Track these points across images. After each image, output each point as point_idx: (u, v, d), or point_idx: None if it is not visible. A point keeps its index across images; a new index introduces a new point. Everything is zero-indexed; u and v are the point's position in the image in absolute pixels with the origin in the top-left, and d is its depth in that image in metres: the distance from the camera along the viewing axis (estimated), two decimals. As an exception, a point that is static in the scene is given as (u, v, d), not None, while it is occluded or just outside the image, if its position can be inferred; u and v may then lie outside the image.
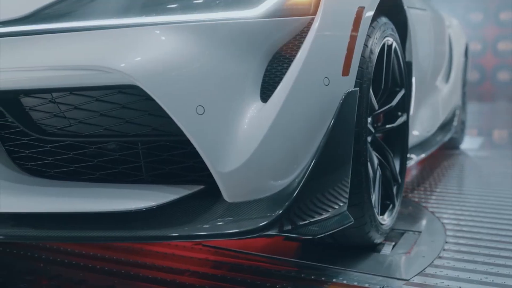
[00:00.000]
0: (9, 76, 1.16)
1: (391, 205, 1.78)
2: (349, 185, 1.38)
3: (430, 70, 2.45)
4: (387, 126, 1.80)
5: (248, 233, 1.15)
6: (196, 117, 1.14)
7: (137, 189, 1.24)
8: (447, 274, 1.48)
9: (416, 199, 2.31)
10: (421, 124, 2.43)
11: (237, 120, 1.19)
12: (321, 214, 1.30)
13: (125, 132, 1.22)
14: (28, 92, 1.20)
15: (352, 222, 1.40)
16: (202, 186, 1.25)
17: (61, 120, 1.23)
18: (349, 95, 1.34)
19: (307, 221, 1.25)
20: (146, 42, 1.15)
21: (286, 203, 1.19)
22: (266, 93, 1.24)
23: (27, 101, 1.23)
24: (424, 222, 1.99)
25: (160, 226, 1.17)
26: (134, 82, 1.11)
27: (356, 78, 1.39)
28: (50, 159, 1.27)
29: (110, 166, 1.26)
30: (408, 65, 1.97)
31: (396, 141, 1.90)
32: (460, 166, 3.23)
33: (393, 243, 1.73)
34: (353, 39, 1.38)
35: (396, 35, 1.76)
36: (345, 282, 1.43)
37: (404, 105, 1.89)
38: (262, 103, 1.22)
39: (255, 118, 1.20)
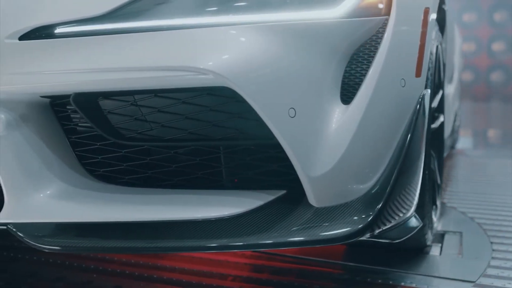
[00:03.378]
0: (89, 78, 1.09)
1: (434, 206, 1.79)
2: (419, 187, 1.37)
3: (449, 70, 2.47)
4: (431, 126, 1.80)
5: (344, 239, 1.12)
6: (288, 119, 1.11)
7: (219, 195, 1.19)
8: (509, 275, 1.48)
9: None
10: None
11: (324, 122, 1.16)
12: (399, 217, 1.28)
13: (208, 136, 1.17)
14: (110, 95, 1.14)
15: (421, 225, 1.39)
16: (284, 191, 1.21)
17: (141, 124, 1.17)
18: (423, 97, 1.33)
19: (391, 225, 1.24)
20: (234, 42, 1.11)
21: (378, 206, 1.17)
22: (346, 95, 1.21)
23: (105, 104, 1.16)
24: (459, 222, 2.00)
25: (250, 233, 1.13)
26: (227, 83, 1.06)
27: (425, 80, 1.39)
28: (124, 164, 1.21)
29: (188, 172, 1.21)
30: (444, 66, 1.98)
31: (434, 142, 1.90)
32: (466, 166, 3.29)
33: (440, 244, 1.74)
34: (422, 40, 1.37)
35: (441, 36, 1.77)
36: (414, 285, 1.42)
37: (441, 106, 1.90)
38: (344, 105, 1.20)
39: (340, 120, 1.17)
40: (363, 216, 1.15)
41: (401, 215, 1.29)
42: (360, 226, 1.12)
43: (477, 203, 2.29)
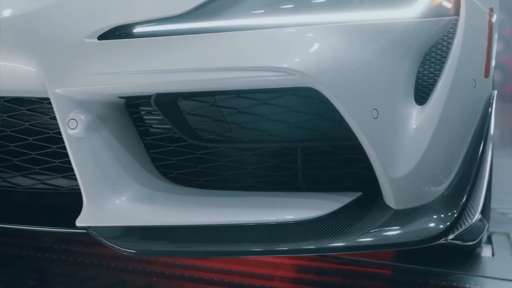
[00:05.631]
0: (173, 78, 1.07)
1: (483, 207, 1.78)
2: (486, 188, 1.36)
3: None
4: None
5: (429, 241, 1.11)
6: (372, 121, 1.09)
7: (297, 198, 1.18)
8: None
9: (476, 200, 2.32)
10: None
11: (404, 123, 1.15)
12: (472, 218, 1.27)
13: (286, 137, 1.16)
14: (192, 95, 1.12)
15: (487, 226, 1.38)
16: (360, 193, 1.20)
17: (220, 125, 1.15)
18: (493, 97, 1.33)
19: (467, 226, 1.23)
20: (316, 42, 1.09)
21: (458, 208, 1.16)
22: (420, 95, 1.20)
23: (182, 104, 1.15)
24: (502, 224, 2.01)
25: (334, 236, 1.11)
26: (313, 84, 1.05)
27: (491, 81, 1.39)
28: (200, 166, 1.19)
29: (264, 174, 1.19)
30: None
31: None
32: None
33: (490, 245, 1.73)
34: (489, 41, 1.37)
35: (492, 37, 1.77)
36: (479, 287, 1.41)
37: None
38: (418, 106, 1.19)
39: (418, 121, 1.17)
40: (448, 215, 1.14)
41: (472, 216, 1.28)
42: (446, 226, 1.12)
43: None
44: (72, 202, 1.18)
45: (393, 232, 1.12)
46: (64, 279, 1.43)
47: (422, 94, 1.20)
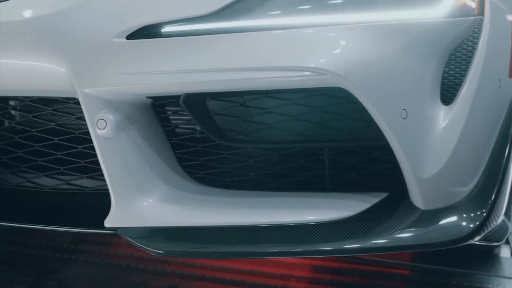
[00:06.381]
0: (202, 78, 1.07)
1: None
2: (510, 188, 1.36)
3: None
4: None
5: (459, 241, 1.11)
6: (401, 121, 1.09)
7: (324, 198, 1.18)
8: None
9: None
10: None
11: (431, 123, 1.15)
12: (498, 218, 1.27)
13: (314, 137, 1.15)
14: (222, 95, 1.11)
15: (510, 226, 1.38)
16: (386, 193, 1.20)
17: (247, 125, 1.15)
18: (517, 97, 1.33)
19: (494, 226, 1.23)
20: (346, 43, 1.09)
21: (487, 207, 1.16)
22: (446, 96, 1.20)
23: (212, 104, 1.14)
24: (516, 223, 2.00)
25: (363, 236, 1.11)
26: (343, 84, 1.04)
27: (514, 80, 1.38)
28: (226, 167, 1.19)
29: (291, 174, 1.19)
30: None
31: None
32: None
33: (508, 246, 1.73)
34: (513, 41, 1.36)
35: None
36: (503, 288, 1.41)
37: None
38: (444, 106, 1.19)
39: (445, 121, 1.16)
40: (477, 214, 1.14)
41: (498, 216, 1.28)
42: (476, 226, 1.12)
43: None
44: (96, 202, 1.18)
45: (422, 232, 1.12)
46: (85, 279, 1.43)
47: (448, 94, 1.20)
